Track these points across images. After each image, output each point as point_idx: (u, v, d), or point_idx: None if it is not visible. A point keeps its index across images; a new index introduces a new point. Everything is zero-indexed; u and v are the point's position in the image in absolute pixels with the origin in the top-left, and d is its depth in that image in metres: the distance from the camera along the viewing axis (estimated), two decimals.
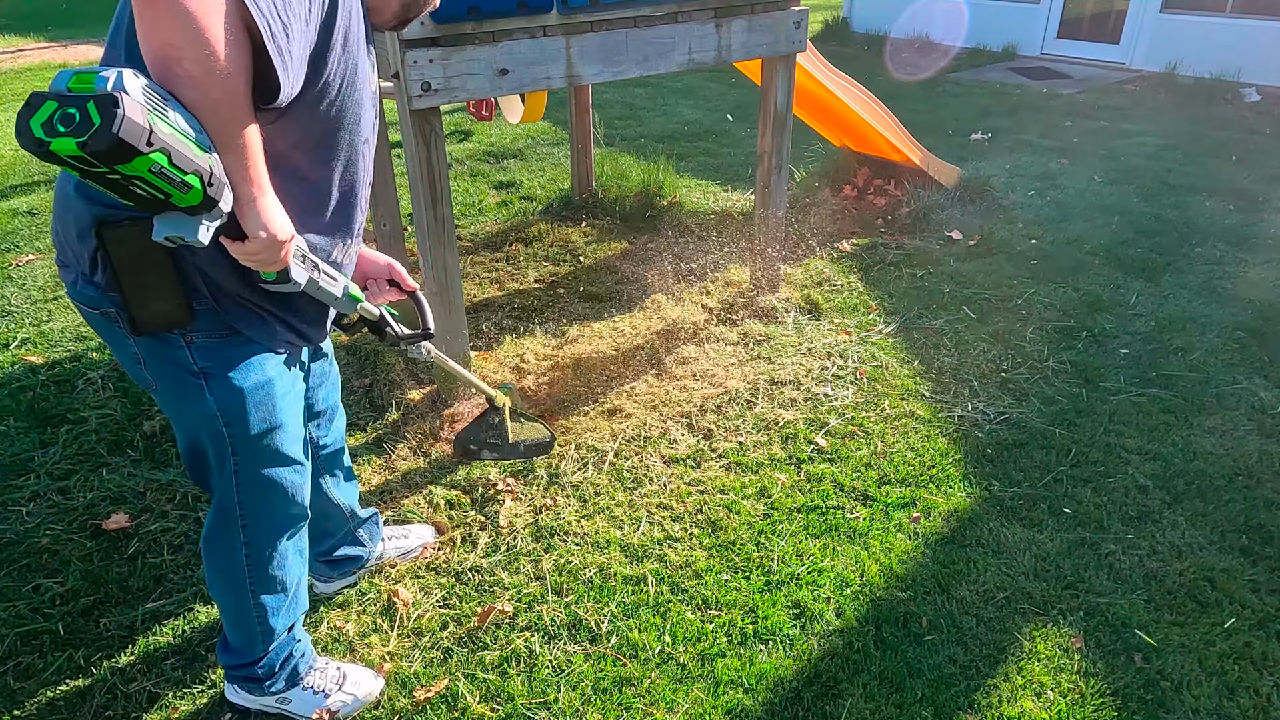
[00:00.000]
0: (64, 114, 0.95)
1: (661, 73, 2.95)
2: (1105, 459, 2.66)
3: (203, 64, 1.02)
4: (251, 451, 1.49)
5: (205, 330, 1.36)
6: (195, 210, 1.09)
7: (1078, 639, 2.02)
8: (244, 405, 1.43)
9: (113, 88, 0.96)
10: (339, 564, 2.09)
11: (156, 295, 1.28)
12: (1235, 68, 7.61)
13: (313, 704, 1.79)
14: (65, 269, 1.36)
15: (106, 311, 1.33)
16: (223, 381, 1.40)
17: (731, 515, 2.40)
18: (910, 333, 3.41)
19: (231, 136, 1.10)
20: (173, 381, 1.41)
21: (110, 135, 0.94)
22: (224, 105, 1.07)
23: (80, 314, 1.41)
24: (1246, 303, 3.66)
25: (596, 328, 3.36)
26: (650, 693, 1.87)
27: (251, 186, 1.16)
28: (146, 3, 0.97)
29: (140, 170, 0.99)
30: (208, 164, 1.06)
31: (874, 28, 10.48)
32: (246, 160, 1.13)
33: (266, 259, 1.24)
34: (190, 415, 1.44)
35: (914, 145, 4.48)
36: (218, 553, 1.60)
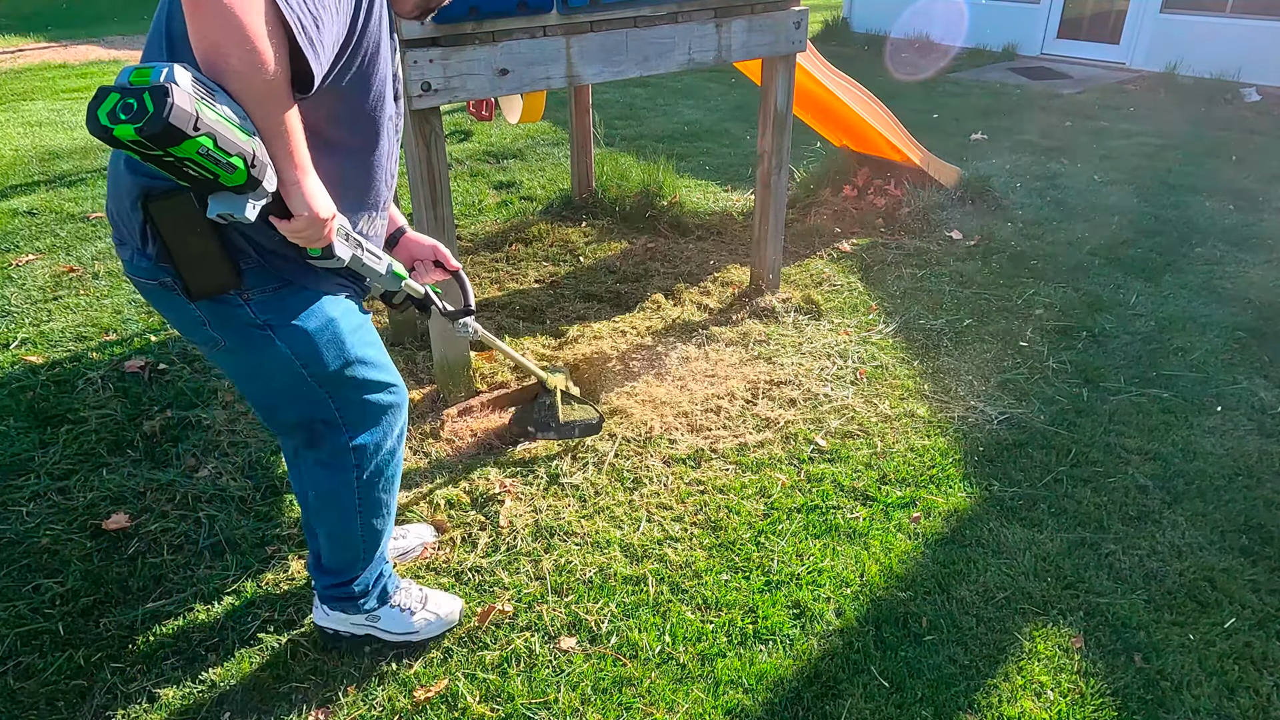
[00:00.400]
0: (124, 104, 1.08)
1: (661, 73, 2.95)
2: (1105, 459, 2.66)
3: (244, 58, 1.12)
4: (338, 384, 1.57)
5: (258, 287, 1.43)
6: (242, 189, 1.20)
7: (1078, 639, 2.02)
8: (315, 346, 1.51)
9: (165, 79, 1.09)
10: None
11: (204, 261, 1.35)
12: (1235, 68, 7.61)
13: (400, 621, 1.91)
14: (122, 246, 1.44)
15: (164, 281, 1.41)
16: (288, 329, 1.48)
17: (731, 515, 2.40)
18: (910, 333, 3.41)
19: (273, 122, 1.19)
20: (241, 337, 1.48)
21: (161, 120, 1.06)
22: (265, 94, 1.17)
23: (139, 289, 1.50)
24: (1246, 303, 3.66)
25: (596, 328, 3.36)
26: (650, 693, 1.87)
27: (294, 169, 1.25)
28: (194, 4, 1.08)
29: (189, 152, 1.11)
30: (251, 147, 1.17)
31: (874, 28, 10.48)
32: (289, 144, 1.23)
33: (311, 236, 1.34)
34: (266, 365, 1.51)
35: (914, 145, 4.48)
36: (326, 478, 1.69)
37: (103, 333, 3.35)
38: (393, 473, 1.78)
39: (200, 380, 3.03)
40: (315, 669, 1.92)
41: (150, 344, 3.26)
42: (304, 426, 1.64)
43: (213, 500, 2.44)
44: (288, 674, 1.91)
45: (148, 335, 3.33)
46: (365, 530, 1.77)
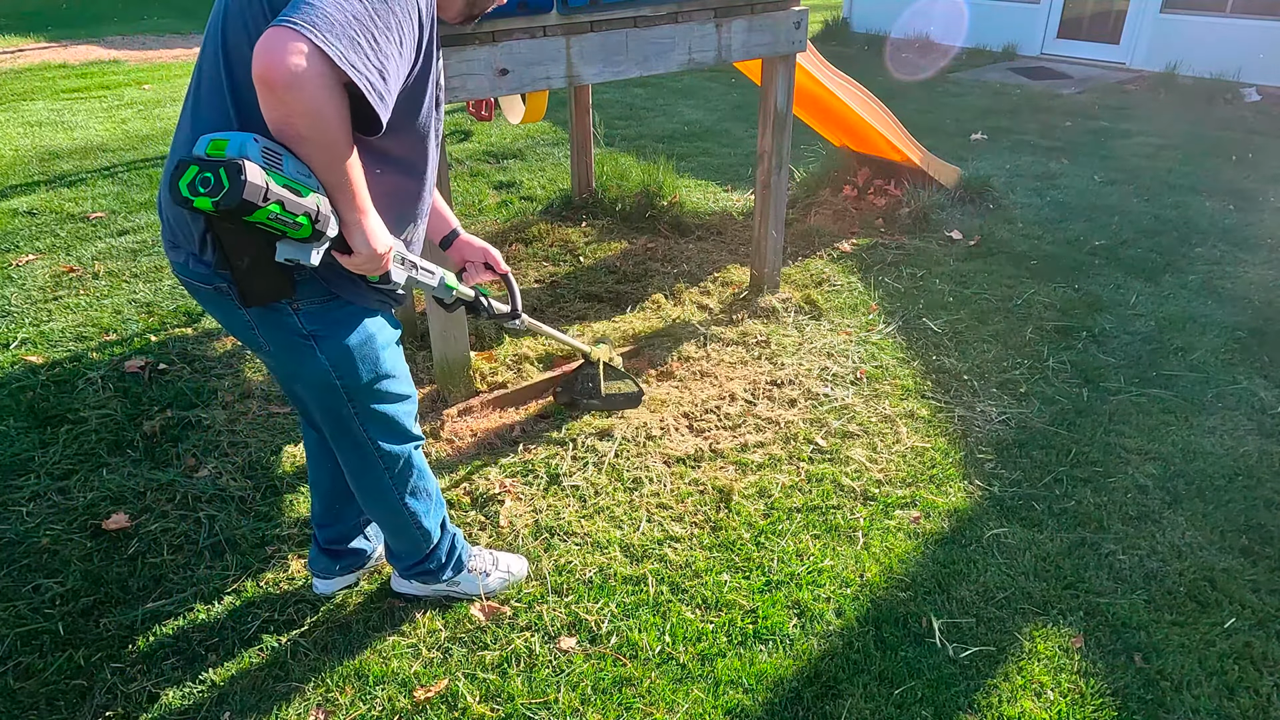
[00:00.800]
0: (203, 177, 1.21)
1: (661, 73, 2.95)
2: (1105, 459, 2.66)
3: (313, 127, 1.25)
4: (365, 396, 1.68)
5: (308, 298, 1.51)
6: (307, 241, 1.34)
7: (1078, 639, 2.02)
8: (352, 360, 1.61)
9: (239, 154, 1.22)
10: (343, 556, 2.09)
11: (261, 271, 1.41)
12: (1235, 68, 7.61)
13: (477, 583, 2.07)
14: (175, 249, 1.50)
15: (219, 286, 1.48)
16: (331, 341, 1.57)
17: (731, 515, 2.40)
18: (910, 333, 3.41)
19: (336, 175, 1.32)
20: (285, 344, 1.56)
21: (237, 197, 1.19)
22: (328, 154, 1.30)
23: (189, 290, 1.58)
24: (1246, 303, 3.66)
25: (596, 328, 3.36)
26: (650, 693, 1.87)
27: (355, 211, 1.38)
28: (263, 82, 1.19)
29: (260, 218, 1.24)
30: (315, 204, 1.30)
31: (874, 28, 10.48)
32: (351, 191, 1.35)
33: (370, 268, 1.47)
34: (305, 372, 1.61)
35: (914, 145, 4.48)
36: (365, 479, 1.82)
37: (103, 333, 3.35)
38: (420, 461, 1.89)
39: (200, 380, 3.03)
40: (315, 669, 1.92)
41: (150, 344, 3.26)
42: (335, 431, 1.74)
43: (213, 500, 2.44)
44: (288, 674, 1.91)
45: (148, 335, 3.33)
46: (411, 516, 1.89)
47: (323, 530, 2.04)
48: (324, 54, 1.19)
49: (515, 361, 3.11)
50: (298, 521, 2.37)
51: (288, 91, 1.19)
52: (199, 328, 3.42)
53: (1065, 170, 5.44)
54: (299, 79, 1.18)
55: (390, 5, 1.29)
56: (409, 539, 1.94)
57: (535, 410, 2.89)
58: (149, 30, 11.28)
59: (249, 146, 1.24)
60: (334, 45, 1.20)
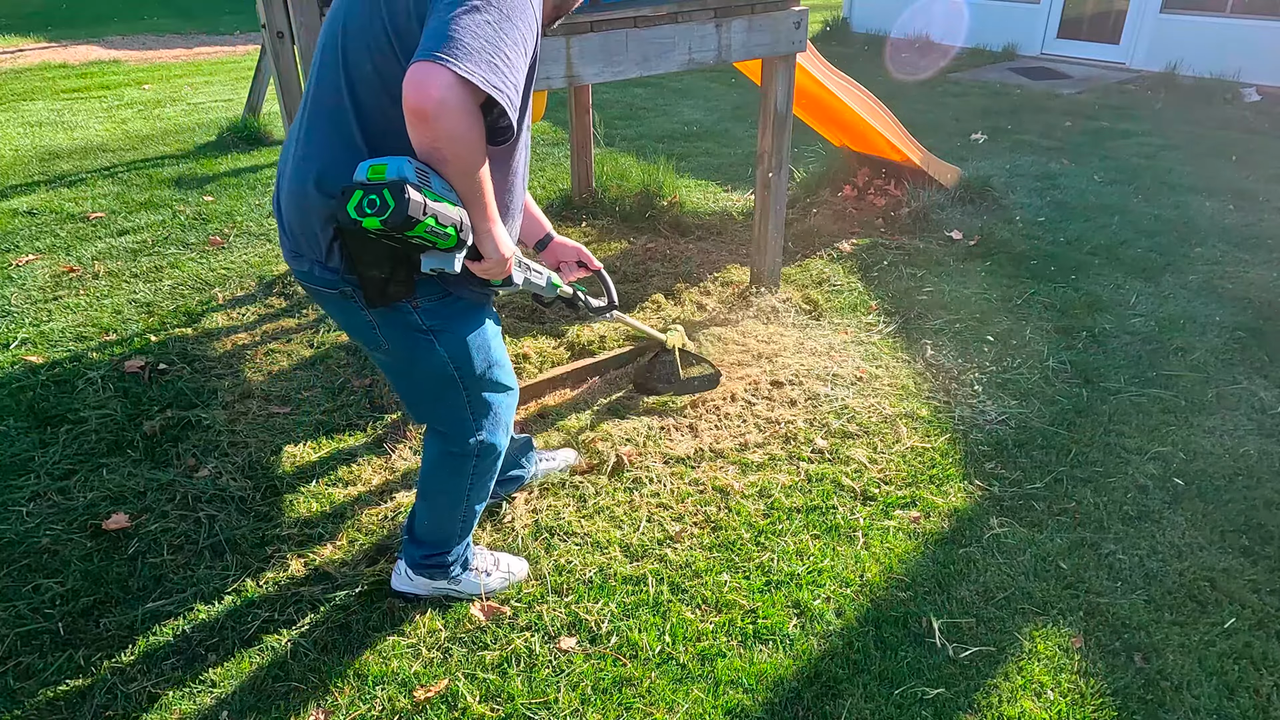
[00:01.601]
0: (369, 200, 1.36)
1: (661, 73, 2.95)
2: (1105, 459, 2.66)
3: (454, 151, 1.39)
4: (479, 386, 1.80)
5: (427, 295, 1.63)
6: (451, 250, 1.49)
7: (1078, 639, 2.02)
8: (468, 351, 1.74)
9: (399, 176, 1.37)
10: (503, 484, 2.36)
11: (385, 273, 1.53)
12: (1235, 68, 7.61)
13: (477, 584, 2.10)
14: (299, 258, 1.61)
15: (344, 290, 1.60)
16: (449, 335, 1.70)
17: (731, 515, 2.40)
18: (910, 333, 3.41)
19: (473, 191, 1.46)
20: (405, 340, 1.68)
21: (402, 215, 1.33)
22: (468, 173, 1.43)
23: (312, 295, 1.70)
24: (1246, 303, 3.66)
25: (596, 328, 3.36)
26: (650, 693, 1.87)
27: (487, 221, 1.52)
28: (415, 113, 1.32)
29: (419, 232, 1.38)
30: (459, 216, 1.45)
31: (874, 28, 10.48)
32: (484, 203, 1.49)
33: (496, 272, 1.62)
34: (424, 366, 1.72)
35: (914, 145, 4.48)
36: (444, 474, 1.90)
37: (103, 333, 3.35)
38: (498, 461, 1.98)
39: (200, 380, 3.03)
40: (315, 669, 1.92)
41: (150, 344, 3.26)
42: (442, 420, 1.84)
43: (213, 500, 2.44)
44: (287, 674, 1.91)
45: (148, 335, 3.33)
46: (467, 513, 1.98)
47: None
48: (468, 83, 1.32)
49: (515, 361, 3.11)
50: (298, 521, 2.37)
51: (436, 122, 1.33)
52: (199, 328, 3.42)
53: (1065, 170, 5.44)
54: (445, 110, 1.31)
55: (514, 20, 1.39)
56: (447, 531, 1.99)
57: (535, 410, 2.89)
58: (149, 30, 11.28)
59: (405, 168, 1.38)
60: (476, 73, 1.32)
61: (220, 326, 3.43)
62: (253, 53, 9.17)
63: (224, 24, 11.92)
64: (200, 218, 4.58)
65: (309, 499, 2.45)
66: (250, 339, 3.33)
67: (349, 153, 1.49)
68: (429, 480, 1.94)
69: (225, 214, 4.64)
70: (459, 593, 2.10)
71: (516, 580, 2.16)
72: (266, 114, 6.24)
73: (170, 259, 4.05)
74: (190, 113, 6.89)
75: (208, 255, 4.12)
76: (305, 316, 3.51)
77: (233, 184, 5.14)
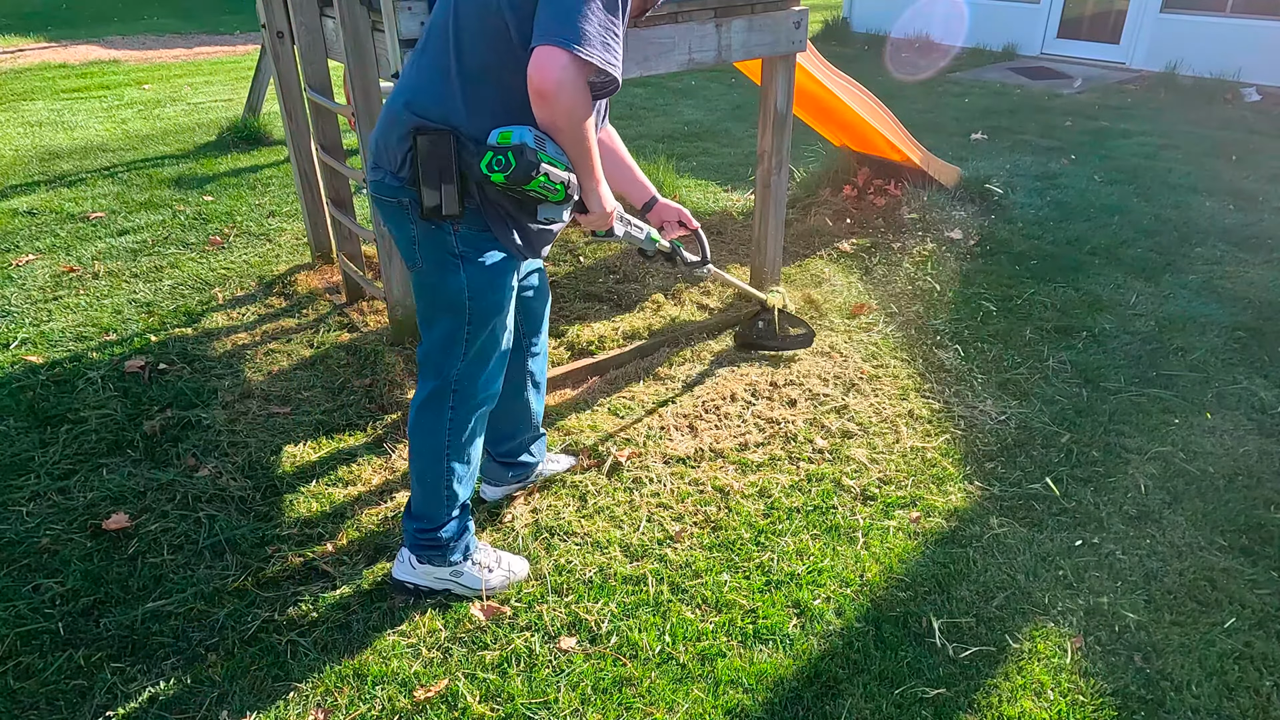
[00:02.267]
0: (497, 159, 1.65)
1: (661, 73, 2.95)
2: (1105, 459, 2.66)
3: (569, 123, 1.66)
4: (482, 324, 1.89)
5: (469, 224, 1.79)
6: (561, 204, 1.79)
7: (1078, 639, 2.02)
8: (486, 283, 1.86)
9: (521, 142, 1.65)
10: (514, 468, 2.41)
11: (442, 189, 1.72)
12: (1235, 68, 7.60)
13: (478, 579, 2.11)
14: (376, 169, 1.82)
15: (402, 201, 1.78)
16: (474, 264, 1.83)
17: (731, 515, 2.40)
18: (910, 333, 3.41)
19: (581, 155, 1.74)
20: (436, 261, 1.83)
21: (523, 173, 1.65)
22: (579, 140, 1.70)
23: (375, 205, 1.89)
24: (1246, 303, 3.66)
25: (596, 328, 3.36)
26: (650, 693, 1.87)
27: (592, 180, 1.80)
28: (538, 93, 1.59)
29: (534, 187, 1.68)
30: (568, 177, 1.74)
31: (874, 28, 10.48)
32: (590, 165, 1.77)
33: (600, 224, 1.93)
34: (446, 288, 1.85)
35: (914, 145, 4.48)
36: (426, 418, 1.98)
37: (103, 333, 3.35)
38: (477, 428, 2.03)
39: (200, 380, 3.03)
40: (315, 669, 1.92)
41: (150, 344, 3.26)
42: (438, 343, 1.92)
43: (213, 500, 2.44)
44: (287, 674, 1.91)
45: (148, 335, 3.33)
46: (449, 472, 2.00)
47: (496, 446, 2.34)
48: (585, 64, 1.57)
49: None
50: (298, 521, 2.37)
51: (556, 100, 1.59)
52: (199, 328, 3.42)
53: (1065, 170, 5.44)
54: (563, 90, 1.57)
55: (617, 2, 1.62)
56: (435, 498, 2.01)
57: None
58: (149, 30, 11.28)
59: (526, 135, 1.66)
60: (595, 54, 1.57)
61: (220, 326, 3.43)
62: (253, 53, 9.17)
63: (224, 24, 11.91)
64: (200, 218, 4.58)
65: (309, 499, 2.45)
66: (250, 339, 3.33)
67: (444, 85, 1.71)
68: (414, 428, 2.00)
69: (225, 214, 4.64)
70: (460, 587, 2.10)
71: (517, 579, 2.16)
72: (266, 114, 6.24)
73: (170, 259, 4.05)
74: (190, 113, 6.89)
75: (208, 255, 4.12)
76: (305, 317, 3.51)
77: (233, 184, 5.14)
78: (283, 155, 5.66)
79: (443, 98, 1.72)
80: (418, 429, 2.00)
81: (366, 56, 2.80)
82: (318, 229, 3.89)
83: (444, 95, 1.72)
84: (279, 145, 5.89)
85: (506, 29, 1.65)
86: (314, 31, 3.17)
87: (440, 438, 1.97)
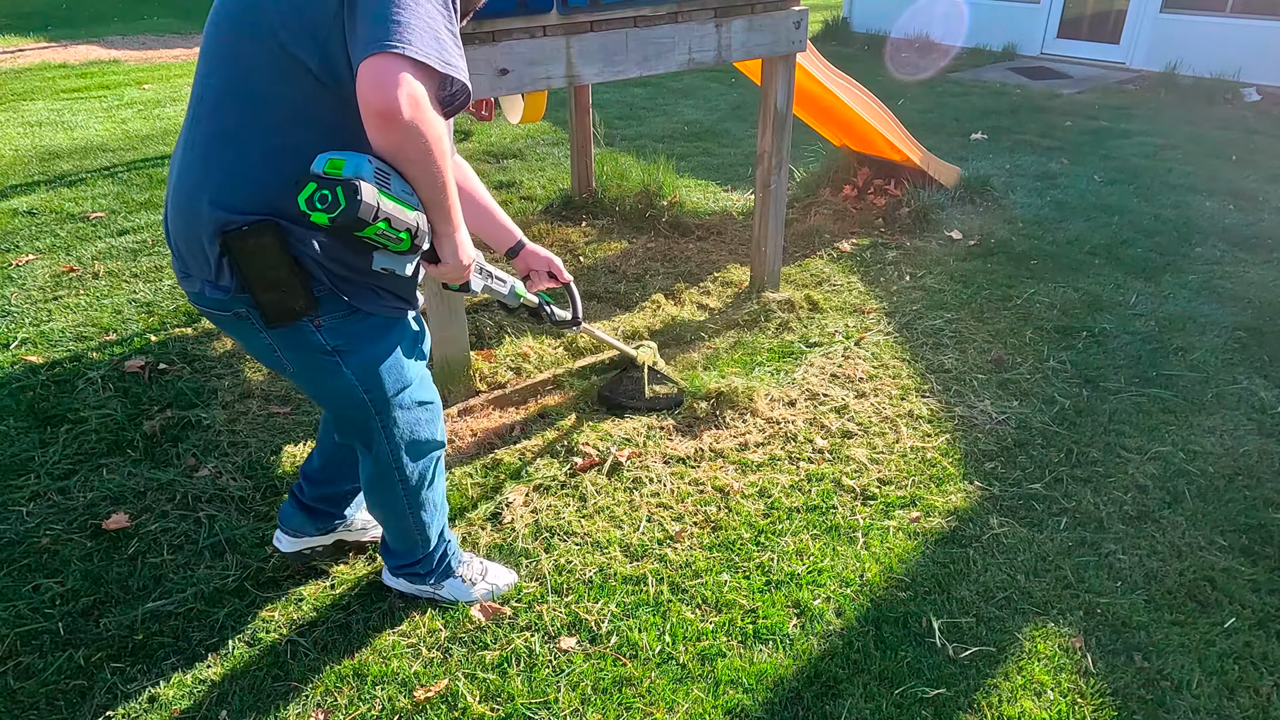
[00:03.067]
0: (320, 194, 1.28)
1: (661, 73, 2.95)
2: (1105, 459, 2.66)
3: (417, 149, 1.32)
4: (393, 408, 1.71)
5: (330, 313, 1.53)
6: (404, 254, 1.43)
7: (1078, 639, 2.02)
8: (377, 373, 1.64)
9: (354, 174, 1.29)
10: (320, 517, 2.11)
11: (282, 290, 1.43)
12: (1235, 68, 7.60)
13: (462, 591, 2.07)
14: (189, 279, 1.50)
15: (238, 312, 1.49)
16: (355, 356, 1.60)
17: (731, 515, 2.40)
18: (910, 333, 3.41)
19: (436, 192, 1.41)
20: (309, 363, 1.59)
21: (353, 215, 1.27)
22: (433, 175, 1.37)
23: (208, 319, 1.61)
24: (1246, 303, 3.66)
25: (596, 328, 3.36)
26: (650, 693, 1.87)
27: (449, 225, 1.48)
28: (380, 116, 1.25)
29: (369, 234, 1.34)
30: (415, 221, 1.39)
31: (874, 28, 10.48)
32: (447, 206, 1.44)
33: (454, 277, 1.58)
34: (331, 389, 1.64)
35: (914, 145, 4.48)
36: (378, 491, 1.85)
37: (103, 333, 3.35)
38: (436, 472, 1.91)
39: (200, 380, 3.03)
40: (315, 669, 1.92)
41: (150, 344, 3.26)
42: (360, 440, 1.77)
43: (213, 500, 2.44)
44: (287, 674, 1.91)
45: (148, 335, 3.33)
46: (418, 524, 1.92)
47: (312, 487, 2.05)
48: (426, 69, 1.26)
49: (516, 361, 3.10)
50: None
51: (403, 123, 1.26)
52: (199, 328, 3.42)
53: (1065, 170, 5.44)
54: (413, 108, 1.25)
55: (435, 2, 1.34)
56: (408, 540, 1.96)
57: (535, 409, 2.89)
58: (149, 30, 11.28)
59: (364, 167, 1.31)
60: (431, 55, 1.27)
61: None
62: None
63: None
64: None
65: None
66: None
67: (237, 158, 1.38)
68: (368, 497, 1.90)
69: None
70: (442, 597, 2.08)
71: (500, 593, 2.12)
72: None
73: (170, 259, 4.05)
74: None
75: None
76: None
77: None
78: None
79: (242, 176, 1.38)
80: (373, 503, 1.90)
81: None
82: None
83: (242, 172, 1.38)
84: None
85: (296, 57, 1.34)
86: None
87: (397, 502, 1.87)
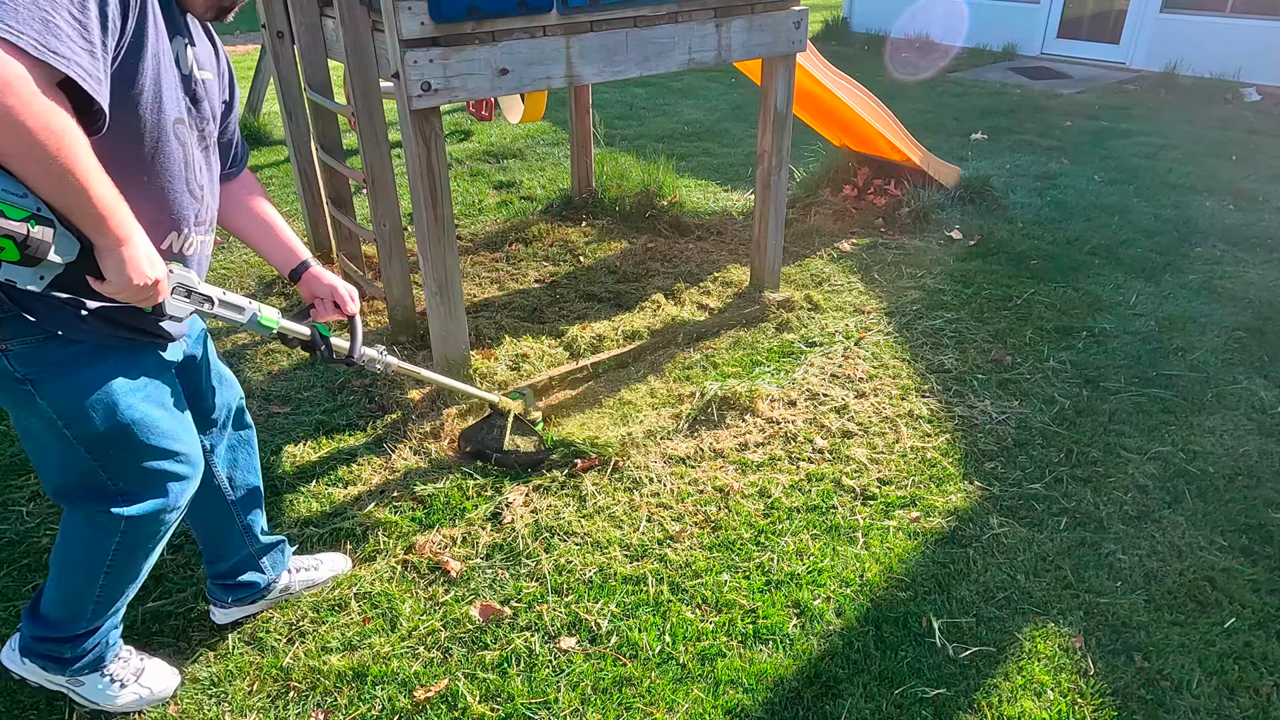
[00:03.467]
0: None
1: (661, 73, 2.95)
2: (1105, 459, 2.66)
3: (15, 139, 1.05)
4: (108, 448, 1.45)
5: (18, 337, 1.32)
6: (21, 265, 1.18)
7: (1078, 639, 2.02)
8: (80, 405, 1.39)
9: None
10: (235, 590, 1.97)
11: None
12: (1235, 68, 7.61)
13: (102, 693, 1.74)
14: None
15: None
16: (51, 386, 1.37)
17: (731, 515, 2.40)
18: (910, 333, 3.41)
19: (65, 198, 1.14)
20: (3, 392, 1.38)
21: None
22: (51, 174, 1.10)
23: None
24: (1246, 303, 3.66)
25: (596, 328, 3.36)
26: (650, 693, 1.87)
27: (105, 236, 1.20)
28: None
29: None
30: (24, 229, 1.13)
31: (874, 28, 10.48)
32: (98, 213, 1.17)
33: (134, 299, 1.28)
34: (27, 423, 1.43)
35: (914, 145, 4.48)
36: (81, 543, 1.55)
37: None
38: (159, 542, 1.64)
39: None
40: (315, 669, 1.92)
41: None
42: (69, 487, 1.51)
43: None
44: (287, 674, 1.91)
45: None
46: (104, 593, 1.62)
47: (210, 565, 1.94)
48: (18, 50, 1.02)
49: (516, 361, 3.11)
50: (298, 521, 2.37)
51: None
52: None
53: (1065, 170, 5.44)
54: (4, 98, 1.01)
55: None
56: (74, 610, 1.63)
57: (537, 407, 2.89)
58: None
59: None
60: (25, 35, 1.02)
61: (220, 326, 3.43)
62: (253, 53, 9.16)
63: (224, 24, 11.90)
64: None
65: (309, 499, 2.45)
66: (250, 339, 3.33)
67: None
68: (60, 550, 1.58)
69: None
70: (77, 696, 1.74)
71: (152, 701, 1.80)
72: (266, 114, 6.24)
73: None
74: None
75: None
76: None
77: None
78: (283, 155, 5.65)
79: None
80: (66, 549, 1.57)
81: (366, 56, 2.80)
82: (318, 228, 3.89)
83: None
84: (279, 145, 5.88)
85: None
86: (314, 31, 3.17)
87: (98, 565, 1.56)
